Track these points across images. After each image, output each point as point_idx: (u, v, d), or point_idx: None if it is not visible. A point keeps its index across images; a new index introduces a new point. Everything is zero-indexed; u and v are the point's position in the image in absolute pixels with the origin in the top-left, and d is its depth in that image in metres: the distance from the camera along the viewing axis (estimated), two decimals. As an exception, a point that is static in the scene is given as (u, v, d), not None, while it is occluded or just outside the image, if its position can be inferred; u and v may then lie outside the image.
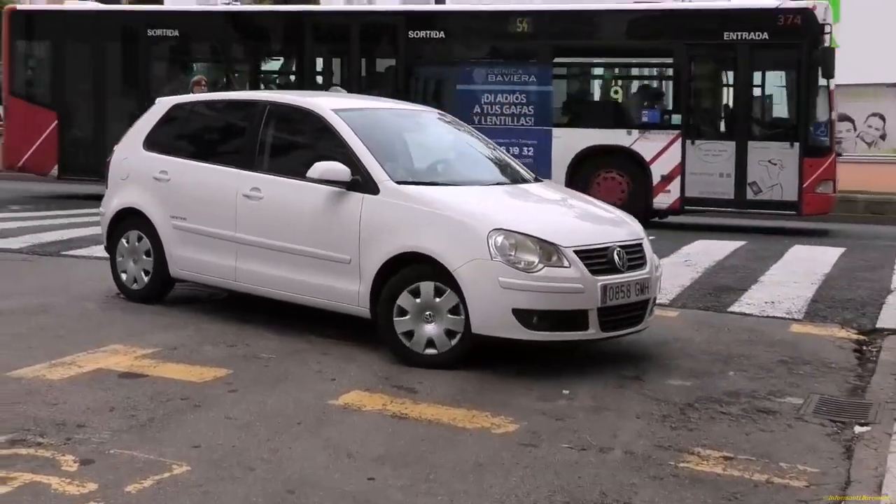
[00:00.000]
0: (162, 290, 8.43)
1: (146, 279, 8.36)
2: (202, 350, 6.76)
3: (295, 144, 8.05)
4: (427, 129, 8.35)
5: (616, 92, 16.74)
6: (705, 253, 12.71)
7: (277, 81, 18.98)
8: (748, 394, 6.13)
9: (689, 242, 13.89)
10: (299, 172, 7.17)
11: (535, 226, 6.56)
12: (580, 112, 16.70)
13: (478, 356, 6.71)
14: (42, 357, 6.39)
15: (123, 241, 8.51)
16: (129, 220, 8.46)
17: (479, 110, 16.26)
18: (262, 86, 18.13)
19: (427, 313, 6.55)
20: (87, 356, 6.46)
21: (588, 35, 16.41)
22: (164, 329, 7.36)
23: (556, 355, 6.92)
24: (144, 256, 8.35)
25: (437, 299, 6.51)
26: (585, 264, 6.39)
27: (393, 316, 6.62)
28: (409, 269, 6.62)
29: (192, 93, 13.43)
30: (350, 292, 6.88)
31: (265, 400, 5.61)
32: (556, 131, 16.07)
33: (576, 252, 6.40)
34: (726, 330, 8.08)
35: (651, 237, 7.47)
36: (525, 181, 7.82)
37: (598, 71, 16.99)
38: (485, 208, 6.77)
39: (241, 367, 6.32)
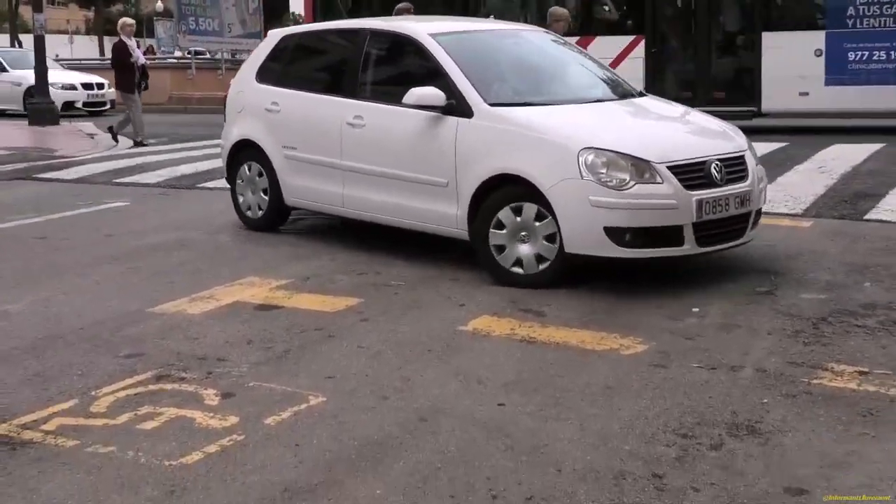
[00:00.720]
0: (279, 219, 8.77)
1: (264, 208, 8.66)
2: (334, 279, 6.91)
3: (396, 71, 8.09)
4: (530, 49, 8.26)
5: None
6: (841, 158, 12.33)
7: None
8: (885, 305, 5.96)
9: (824, 147, 13.48)
10: (400, 98, 7.23)
11: (628, 142, 6.48)
12: None
13: (606, 276, 6.71)
14: (182, 292, 6.64)
15: (242, 170, 8.84)
16: (246, 151, 8.78)
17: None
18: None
19: (523, 233, 6.63)
20: (224, 289, 6.68)
21: None
22: (297, 259, 7.54)
23: (688, 272, 6.86)
24: (261, 186, 8.63)
25: (538, 223, 6.56)
26: (680, 179, 6.32)
27: (489, 228, 6.72)
28: (502, 191, 6.68)
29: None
30: (448, 215, 7.02)
31: (396, 328, 5.72)
32: None
33: (669, 167, 6.33)
34: (863, 239, 7.87)
35: (785, 143, 7.26)
36: (630, 96, 7.73)
37: None
38: (577, 127, 6.71)
39: (372, 296, 6.45)
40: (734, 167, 6.69)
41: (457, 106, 6.98)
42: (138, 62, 17.35)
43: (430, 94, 7.03)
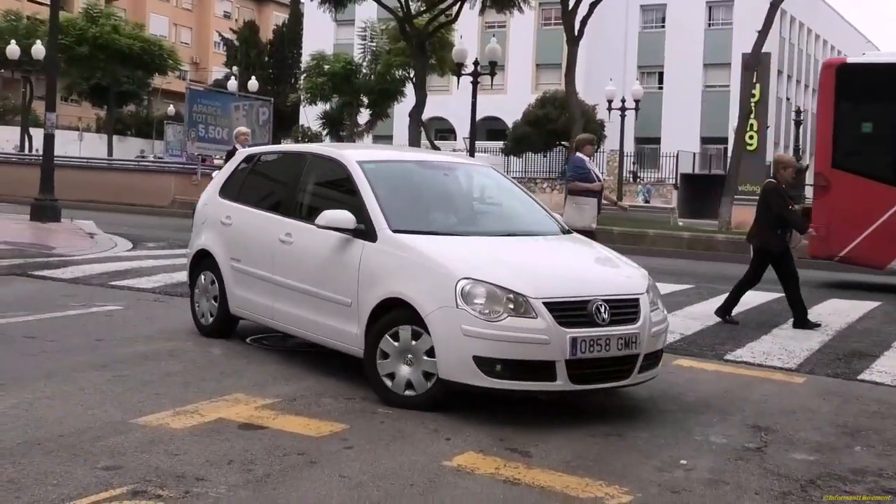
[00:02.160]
0: (226, 327, 9.12)
1: (213, 315, 9.12)
2: (321, 402, 6.87)
3: (326, 193, 8.44)
4: (460, 182, 8.65)
5: None
6: (837, 314, 12.39)
7: None
8: (875, 472, 5.92)
9: (820, 301, 13.55)
10: None
11: (509, 276, 6.68)
12: None
13: (599, 419, 6.68)
14: (167, 405, 6.59)
15: (199, 279, 9.28)
16: (205, 260, 9.24)
17: None
18: None
19: (408, 356, 6.85)
20: (209, 405, 6.64)
21: None
22: (285, 379, 7.51)
23: (678, 423, 6.83)
24: (212, 294, 9.05)
25: (414, 342, 6.79)
26: (557, 316, 6.48)
27: (376, 358, 6.96)
28: (391, 314, 6.93)
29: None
30: (352, 334, 7.28)
31: (379, 459, 5.66)
32: None
33: (546, 303, 6.51)
34: (855, 400, 7.85)
35: (780, 294, 7.30)
36: (550, 234, 8.11)
37: None
38: (463, 257, 6.93)
39: (358, 423, 6.40)
40: (622, 309, 6.80)
41: (365, 230, 7.35)
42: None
43: (341, 217, 7.44)
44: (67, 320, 9.73)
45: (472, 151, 36.40)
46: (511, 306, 6.48)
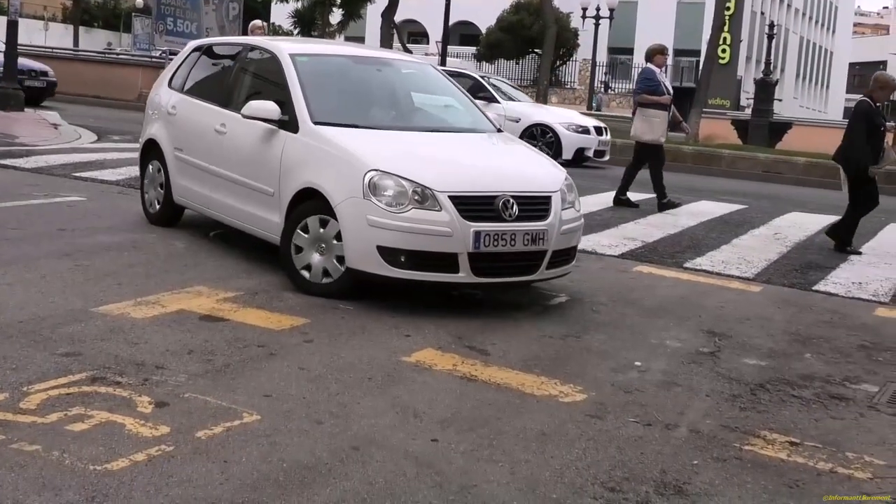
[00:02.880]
0: (172, 216, 9.23)
1: (160, 204, 9.23)
2: (282, 297, 6.90)
3: (260, 85, 8.47)
4: (393, 78, 8.70)
5: None
6: (797, 226, 12.51)
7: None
8: (823, 378, 6.05)
9: (781, 214, 13.68)
10: None
11: (418, 170, 6.80)
12: None
13: (556, 322, 6.77)
14: (128, 294, 6.60)
15: (148, 168, 9.41)
16: (153, 150, 9.33)
17: None
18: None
19: (321, 245, 7.01)
20: (171, 296, 6.65)
21: None
22: (247, 273, 7.52)
23: (634, 328, 6.93)
24: (158, 182, 9.22)
25: (322, 230, 6.97)
26: (461, 209, 6.61)
27: (290, 246, 7.13)
28: (304, 205, 7.08)
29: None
30: (274, 223, 7.40)
31: (339, 352, 5.71)
32: None
33: (451, 197, 6.63)
34: (809, 309, 7.98)
35: (744, 206, 7.36)
36: (479, 131, 8.20)
37: None
38: (374, 150, 7.02)
39: (319, 317, 6.44)
40: (531, 206, 6.93)
41: (289, 121, 7.46)
42: None
43: (265, 107, 7.54)
44: (30, 209, 9.65)
45: (444, 56, 36.07)
46: (416, 198, 6.63)
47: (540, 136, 20.09)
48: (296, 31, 53.85)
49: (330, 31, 50.06)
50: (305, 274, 7.07)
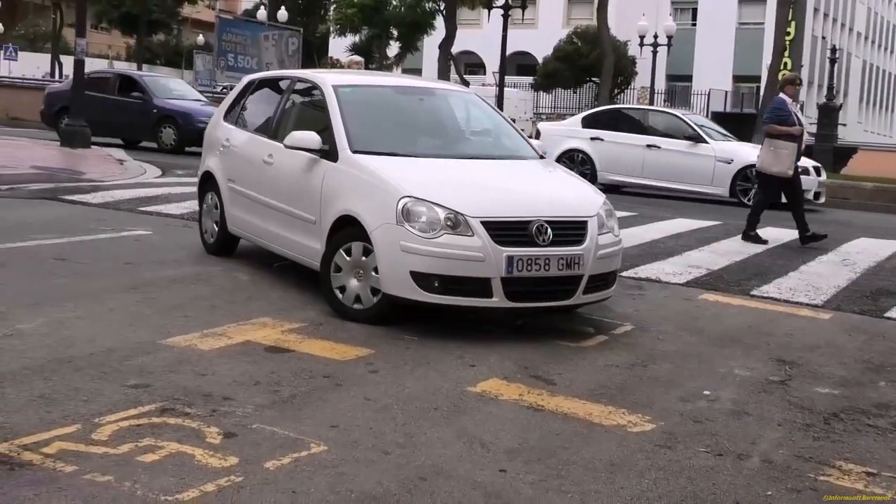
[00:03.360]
0: (226, 246, 9.45)
1: (215, 235, 9.47)
2: (346, 327, 6.91)
3: (305, 116, 8.66)
4: (434, 107, 8.84)
5: None
6: (866, 252, 12.31)
7: None
8: (899, 407, 5.92)
9: (850, 240, 13.47)
10: None
11: (450, 196, 6.88)
12: None
13: (623, 351, 6.71)
14: (195, 326, 6.66)
15: (206, 200, 9.65)
16: (209, 182, 9.63)
17: None
18: None
19: (359, 271, 7.13)
20: (236, 327, 6.70)
21: None
22: (310, 304, 7.55)
23: (702, 357, 6.85)
24: (216, 215, 9.44)
25: (364, 258, 7.08)
26: (494, 234, 6.68)
27: (330, 272, 7.25)
28: (345, 231, 7.21)
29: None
30: (316, 250, 7.53)
31: (404, 383, 5.71)
32: None
33: (484, 222, 6.71)
34: (881, 337, 7.83)
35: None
36: (519, 158, 8.25)
37: None
38: (410, 177, 7.12)
39: (383, 348, 6.45)
40: (567, 231, 6.95)
41: (329, 150, 7.61)
42: None
43: (307, 137, 7.71)
44: (97, 243, 9.81)
45: (501, 86, 36.16)
46: (449, 224, 6.70)
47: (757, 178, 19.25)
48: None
49: (387, 64, 50.49)
50: (339, 294, 7.22)
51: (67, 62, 32.61)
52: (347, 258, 7.16)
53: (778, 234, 13.85)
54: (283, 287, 8.14)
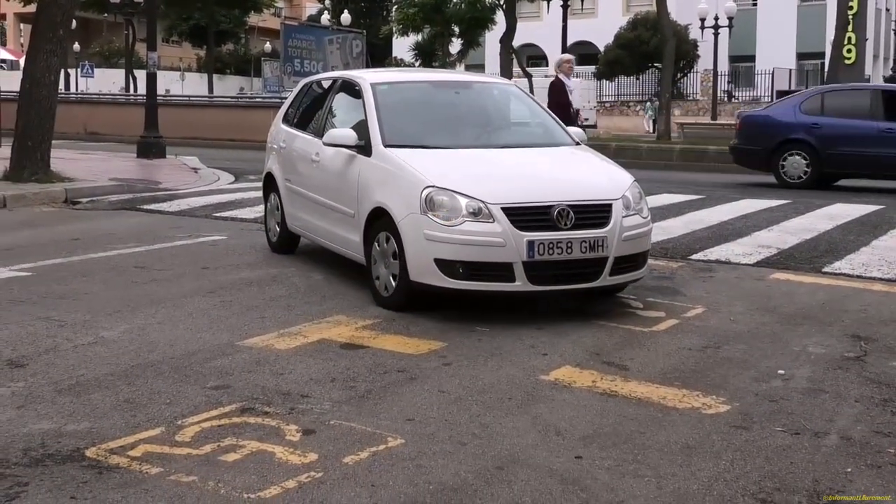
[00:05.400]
0: (288, 244, 9.69)
1: (277, 233, 9.74)
2: (418, 322, 6.92)
3: (347, 115, 8.72)
4: (467, 99, 8.87)
5: None
6: (939, 224, 11.97)
7: None
8: (979, 379, 5.76)
9: (921, 212, 13.14)
10: None
11: (473, 185, 6.99)
12: None
13: (698, 335, 6.63)
14: (272, 327, 6.72)
15: (269, 200, 9.91)
16: (271, 183, 9.91)
17: None
18: None
19: (388, 260, 7.30)
20: (312, 326, 6.74)
21: None
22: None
23: (775, 335, 6.73)
24: (277, 212, 9.71)
25: (386, 245, 7.29)
26: (514, 220, 6.76)
27: (371, 262, 7.52)
28: (377, 223, 7.39)
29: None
30: (356, 242, 7.79)
31: (478, 374, 5.70)
32: None
33: (505, 209, 6.79)
34: (959, 308, 7.61)
35: (881, 206, 7.07)
36: (545, 145, 8.22)
37: None
38: (434, 168, 7.24)
39: (456, 340, 6.44)
40: (589, 214, 6.96)
41: (365, 146, 7.80)
42: (573, 105, 15.13)
43: (343, 134, 7.97)
44: (175, 250, 9.95)
45: (563, 76, 35.86)
46: (471, 211, 6.80)
47: None
48: (417, 63, 54.47)
49: (450, 61, 50.44)
50: (375, 283, 7.45)
51: (141, 76, 33.16)
52: (378, 248, 7.39)
53: (847, 209, 13.58)
54: (356, 286, 8.16)
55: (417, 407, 5.09)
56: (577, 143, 8.44)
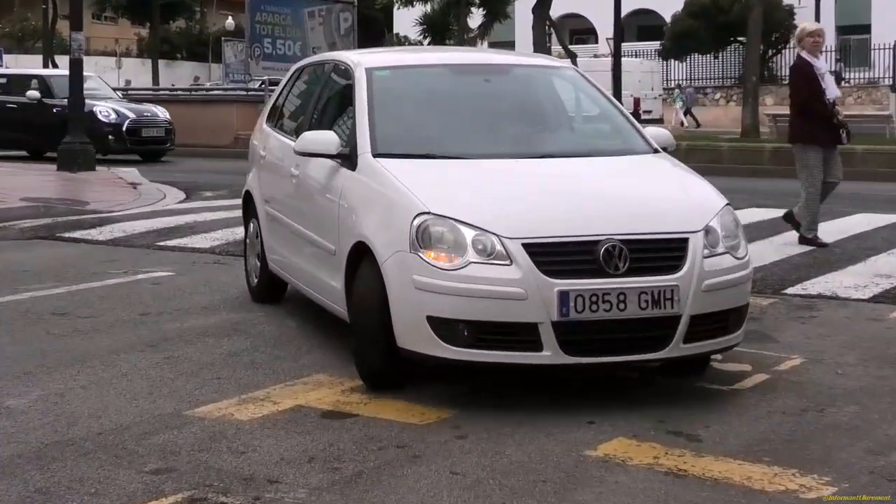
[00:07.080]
0: (271, 290, 9.20)
1: (257, 275, 9.27)
2: (429, 382, 6.91)
3: (339, 111, 8.31)
4: (502, 88, 8.40)
5: None
6: None
7: None
8: None
9: None
10: None
11: (485, 210, 6.45)
12: None
13: (794, 393, 6.62)
14: (231, 391, 6.74)
15: (249, 227, 9.46)
16: (251, 205, 9.42)
17: None
18: None
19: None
20: (283, 389, 6.77)
21: None
22: (379, 354, 7.58)
23: None
24: (257, 242, 9.17)
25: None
26: (540, 261, 6.16)
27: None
28: (362, 268, 6.76)
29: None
30: (338, 291, 7.19)
31: (501, 450, 5.70)
32: None
33: (526, 244, 6.21)
34: None
35: None
36: (603, 154, 7.73)
37: None
38: (435, 187, 6.77)
39: (472, 405, 6.46)
40: (652, 253, 6.45)
41: (349, 154, 7.29)
42: (829, 97, 12.52)
43: (319, 139, 7.44)
44: (105, 291, 10.00)
45: (617, 56, 36.06)
46: (479, 248, 6.27)
47: None
48: (425, 41, 54.67)
49: (469, 38, 50.64)
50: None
51: (63, 62, 33.39)
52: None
53: None
54: (342, 335, 8.12)
55: (422, 494, 5.10)
56: (656, 151, 7.78)
